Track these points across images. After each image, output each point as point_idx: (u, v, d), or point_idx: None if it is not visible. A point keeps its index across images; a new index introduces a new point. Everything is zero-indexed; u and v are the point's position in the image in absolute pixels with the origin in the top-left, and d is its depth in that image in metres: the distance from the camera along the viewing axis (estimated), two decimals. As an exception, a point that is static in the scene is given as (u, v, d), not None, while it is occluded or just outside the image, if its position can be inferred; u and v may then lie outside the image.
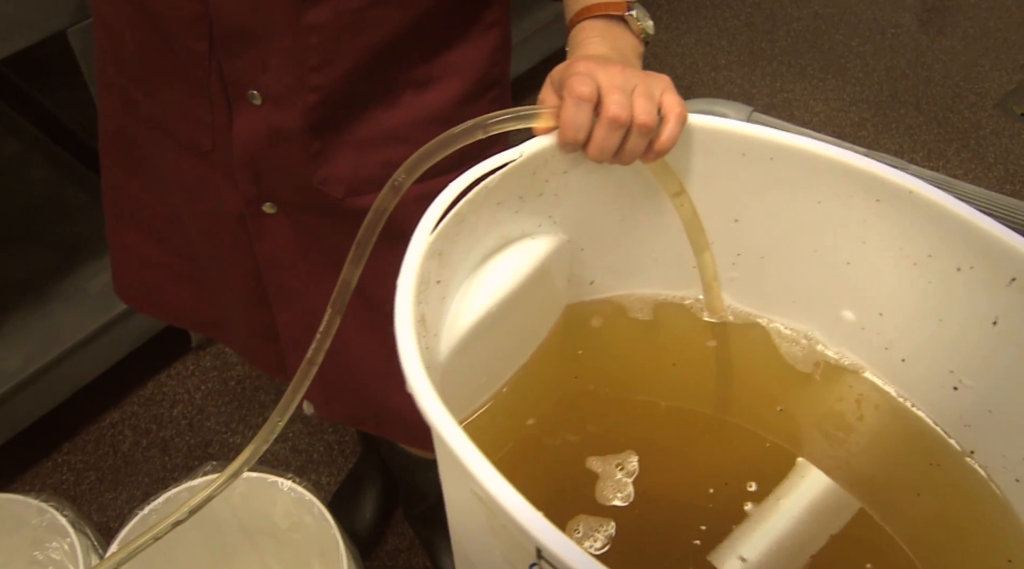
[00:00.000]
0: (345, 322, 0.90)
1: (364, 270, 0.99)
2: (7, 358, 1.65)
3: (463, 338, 0.64)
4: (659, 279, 0.79)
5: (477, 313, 0.65)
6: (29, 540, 1.23)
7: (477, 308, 0.65)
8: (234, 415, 1.81)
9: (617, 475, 0.68)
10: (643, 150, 0.65)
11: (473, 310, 0.65)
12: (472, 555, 0.60)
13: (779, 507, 0.72)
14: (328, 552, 1.29)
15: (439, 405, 0.49)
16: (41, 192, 1.98)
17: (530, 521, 0.44)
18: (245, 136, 0.88)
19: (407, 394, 1.06)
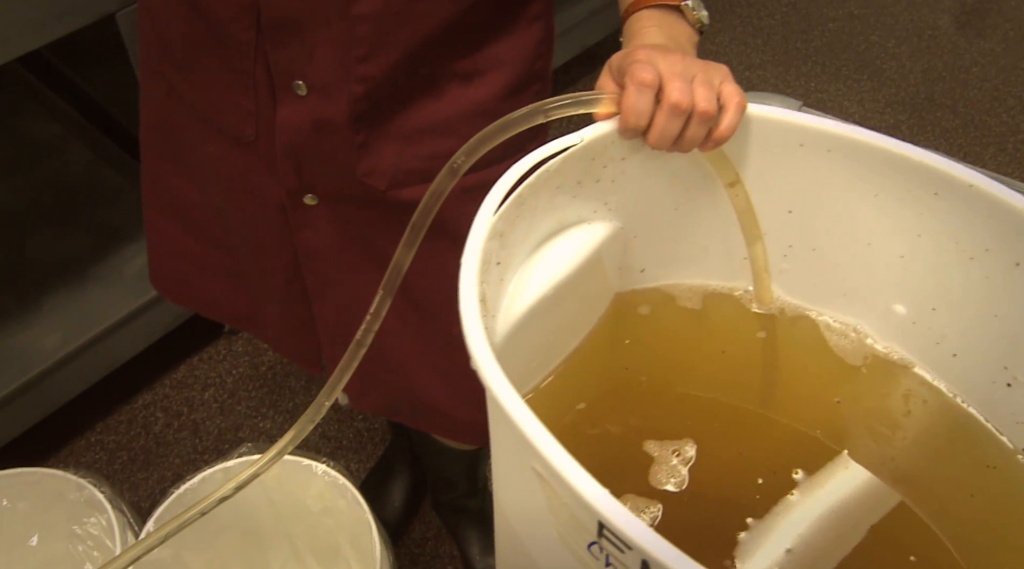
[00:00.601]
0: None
1: (404, 262, 0.99)
2: (45, 337, 1.67)
3: (519, 321, 0.64)
4: (709, 269, 0.79)
5: (533, 297, 0.65)
6: (67, 514, 1.24)
7: (533, 292, 0.65)
8: (264, 400, 1.83)
9: (673, 461, 0.68)
10: (702, 138, 0.65)
11: (529, 293, 0.65)
12: (524, 537, 0.61)
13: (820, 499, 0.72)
14: (359, 537, 1.30)
15: (505, 381, 0.49)
16: (80, 175, 2.00)
17: (596, 497, 0.45)
18: (289, 126, 0.88)
19: (444, 386, 1.07)
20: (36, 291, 1.76)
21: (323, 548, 1.42)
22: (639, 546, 0.44)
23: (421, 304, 0.99)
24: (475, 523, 1.55)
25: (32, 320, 1.71)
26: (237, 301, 1.15)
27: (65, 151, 2.04)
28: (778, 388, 0.78)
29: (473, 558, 1.54)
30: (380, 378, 1.07)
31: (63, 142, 2.06)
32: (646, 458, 0.68)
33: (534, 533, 0.59)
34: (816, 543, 0.70)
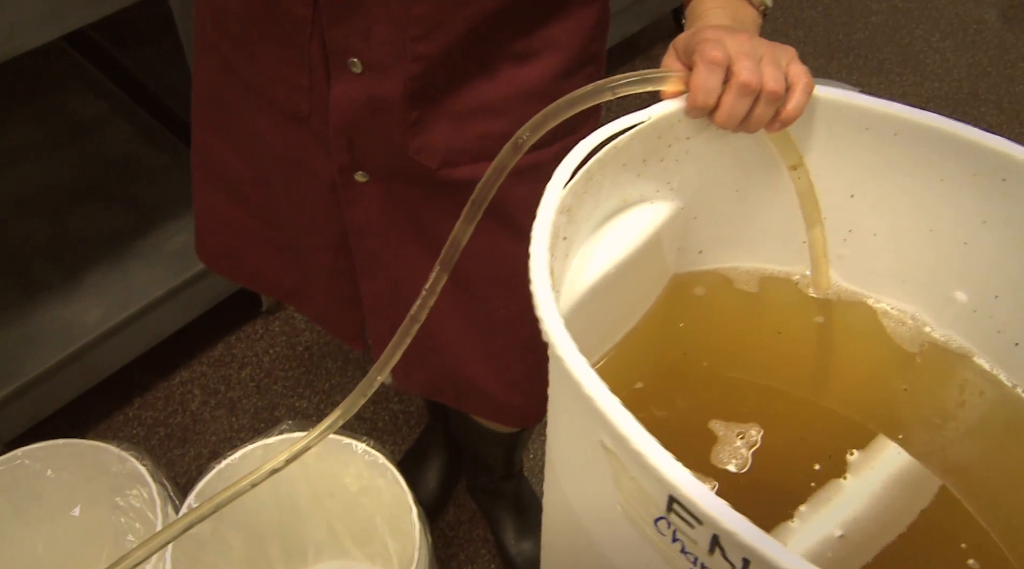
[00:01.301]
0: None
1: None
2: (86, 313, 1.68)
3: (580, 298, 0.64)
4: (767, 253, 0.78)
5: (595, 275, 0.65)
6: (110, 486, 1.25)
7: (595, 270, 0.65)
8: (301, 380, 1.84)
9: (737, 442, 0.68)
10: (768, 118, 0.65)
11: (592, 271, 0.65)
12: (582, 513, 0.61)
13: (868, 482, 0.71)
14: (397, 517, 1.30)
15: (577, 352, 0.49)
16: (122, 152, 2.01)
17: (670, 469, 0.45)
18: (343, 104, 0.89)
19: (489, 367, 1.07)
20: (78, 266, 1.77)
21: (359, 528, 1.42)
22: (713, 520, 0.44)
23: (468, 284, 1.00)
24: (510, 507, 1.55)
25: (74, 295, 1.72)
26: (283, 275, 1.15)
27: (108, 128, 2.06)
28: (832, 374, 0.78)
29: (507, 542, 1.55)
30: (425, 358, 1.07)
31: (106, 120, 2.07)
32: (710, 437, 0.68)
33: (594, 509, 0.59)
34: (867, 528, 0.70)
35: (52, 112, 2.09)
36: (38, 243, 1.83)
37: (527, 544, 1.54)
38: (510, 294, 1.01)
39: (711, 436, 0.68)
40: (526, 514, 1.56)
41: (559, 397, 0.58)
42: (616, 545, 0.58)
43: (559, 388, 0.57)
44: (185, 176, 1.94)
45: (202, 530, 1.25)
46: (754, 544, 0.42)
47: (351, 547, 1.47)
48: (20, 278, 1.76)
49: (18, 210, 1.89)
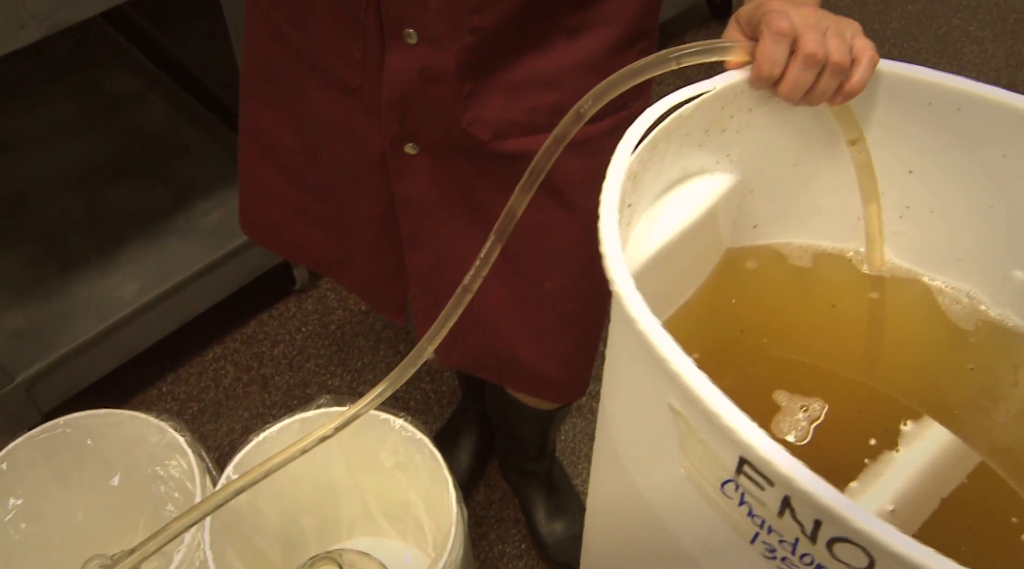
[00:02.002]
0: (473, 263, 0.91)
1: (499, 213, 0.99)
2: (122, 287, 1.69)
3: (640, 267, 0.64)
4: (821, 229, 0.78)
5: (654, 245, 0.65)
6: (149, 456, 1.26)
7: (655, 240, 0.65)
8: (333, 358, 1.84)
9: (799, 414, 0.68)
10: (832, 91, 0.65)
11: (652, 241, 0.65)
12: (639, 478, 0.61)
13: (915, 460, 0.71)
14: (432, 493, 1.31)
15: (648, 312, 0.49)
16: (158, 130, 2.02)
17: (745, 429, 0.45)
18: (397, 75, 0.89)
19: (533, 342, 1.07)
20: (115, 241, 1.78)
21: (393, 504, 1.43)
22: (787, 479, 0.44)
23: (515, 258, 1.00)
24: (542, 487, 1.56)
25: (111, 269, 1.73)
26: (327, 247, 1.16)
27: (144, 106, 2.07)
28: (884, 350, 0.77)
29: (538, 522, 1.55)
30: (469, 332, 1.07)
31: (143, 97, 2.08)
32: (772, 407, 0.68)
33: (653, 474, 0.59)
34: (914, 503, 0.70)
35: (89, 89, 2.10)
36: (75, 218, 1.84)
37: (558, 524, 1.54)
38: (557, 268, 1.01)
39: (774, 406, 0.68)
40: (558, 494, 1.57)
41: (622, 360, 0.58)
42: (675, 511, 0.58)
43: (624, 351, 0.57)
44: (221, 153, 1.95)
45: (238, 502, 1.26)
46: (829, 503, 0.43)
47: (384, 523, 1.48)
48: (57, 252, 1.77)
49: (55, 185, 1.91)
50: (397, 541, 1.49)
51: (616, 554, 0.72)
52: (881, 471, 0.71)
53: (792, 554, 0.48)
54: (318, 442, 0.86)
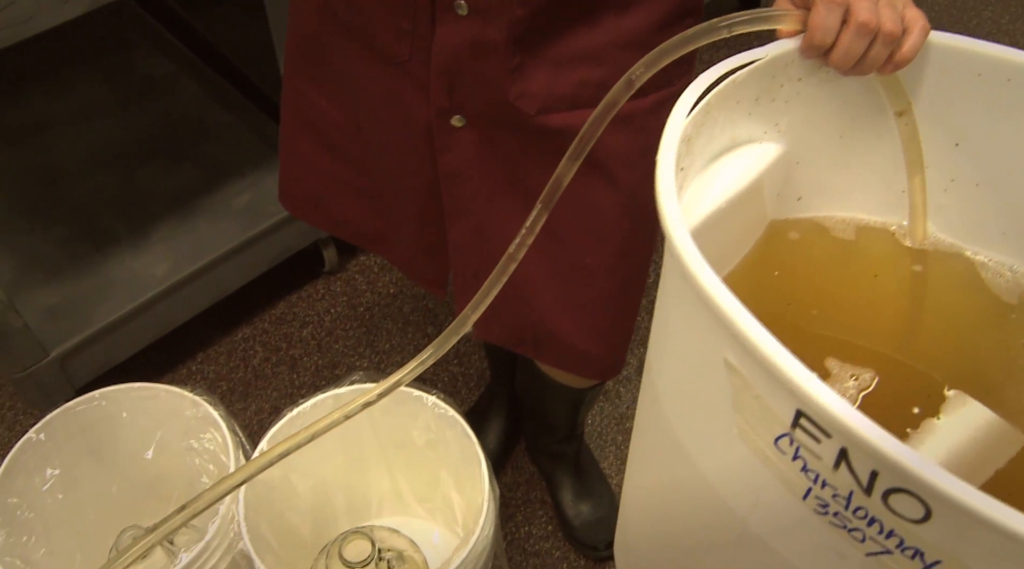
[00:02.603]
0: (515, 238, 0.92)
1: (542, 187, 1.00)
2: (154, 265, 1.71)
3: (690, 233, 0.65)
4: (865, 202, 0.78)
5: (702, 213, 0.66)
6: (183, 430, 1.27)
7: (704, 207, 0.66)
8: (361, 340, 1.85)
9: (848, 382, 0.68)
10: (883, 60, 0.65)
11: (701, 208, 0.66)
12: (687, 439, 0.61)
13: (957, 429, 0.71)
14: (463, 470, 1.32)
15: (707, 265, 0.50)
16: (190, 111, 2.04)
17: (804, 380, 0.45)
18: (446, 47, 0.90)
19: (572, 317, 1.07)
20: (147, 221, 1.80)
21: (422, 483, 1.44)
22: (846, 429, 0.44)
23: (557, 232, 1.00)
24: (570, 469, 1.57)
25: (143, 248, 1.75)
26: (368, 221, 1.17)
27: (176, 88, 2.08)
28: (926, 324, 0.78)
29: (566, 503, 1.56)
30: (508, 306, 1.08)
31: (174, 79, 2.10)
32: (822, 373, 0.69)
33: (703, 434, 0.59)
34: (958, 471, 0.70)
35: (122, 71, 2.12)
36: (108, 197, 1.86)
37: (585, 506, 1.55)
38: (598, 244, 1.01)
39: (824, 373, 0.69)
40: (585, 477, 1.57)
41: (674, 319, 0.59)
42: (724, 471, 0.58)
43: (677, 308, 0.58)
44: (252, 135, 1.96)
45: (272, 476, 1.27)
46: (889, 452, 0.43)
47: (412, 501, 1.49)
48: (90, 231, 1.79)
49: (88, 165, 1.93)
50: (425, 520, 1.49)
51: (658, 519, 0.73)
52: (924, 439, 0.71)
53: (845, 508, 0.49)
54: (361, 408, 0.87)
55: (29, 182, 1.90)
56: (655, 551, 0.79)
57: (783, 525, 0.55)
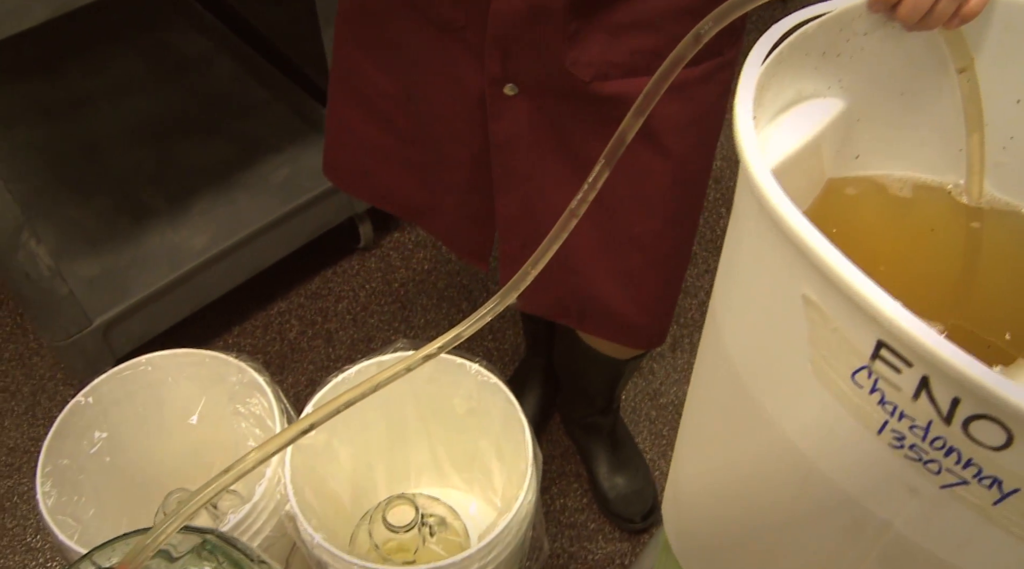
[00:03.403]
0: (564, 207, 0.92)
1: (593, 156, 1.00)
2: (193, 238, 1.73)
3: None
4: (922, 160, 0.79)
5: (768, 165, 0.67)
6: (228, 395, 1.29)
7: (769, 160, 0.67)
8: (396, 315, 1.87)
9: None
10: (950, 14, 0.66)
11: (766, 161, 0.66)
12: (753, 383, 0.62)
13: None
14: (503, 439, 1.33)
15: (787, 199, 0.51)
16: (226, 89, 2.06)
17: (889, 307, 0.46)
18: (504, 13, 0.90)
19: (619, 286, 1.08)
20: (185, 195, 1.82)
21: (462, 453, 1.45)
22: (930, 355, 0.45)
23: (605, 200, 1.01)
24: (605, 442, 1.58)
25: (182, 221, 1.77)
26: (413, 193, 1.18)
27: (212, 65, 2.10)
28: (982, 282, 0.78)
29: (601, 476, 1.57)
30: (555, 275, 1.09)
31: (210, 57, 2.12)
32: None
33: (772, 374, 0.60)
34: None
35: (158, 48, 2.14)
36: (146, 171, 1.88)
37: (620, 478, 1.56)
38: (647, 213, 1.02)
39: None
40: (620, 449, 1.59)
41: (747, 259, 0.60)
42: (793, 410, 0.59)
43: (750, 248, 0.59)
44: (289, 111, 1.98)
45: (316, 442, 1.29)
46: (976, 376, 0.44)
47: (450, 472, 1.50)
48: (130, 204, 1.81)
49: (126, 140, 1.95)
50: (463, 492, 1.51)
51: (716, 469, 0.74)
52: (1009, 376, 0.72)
53: (923, 439, 0.50)
54: (423, 361, 0.88)
55: (68, 156, 1.92)
56: (710, 505, 0.80)
57: (854, 463, 0.56)
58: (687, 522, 0.87)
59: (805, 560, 0.68)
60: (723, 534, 0.80)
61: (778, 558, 0.72)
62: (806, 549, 0.68)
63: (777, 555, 0.72)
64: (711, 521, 0.81)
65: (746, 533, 0.75)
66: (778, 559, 0.72)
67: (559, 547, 1.55)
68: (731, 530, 0.78)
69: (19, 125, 1.97)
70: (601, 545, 1.56)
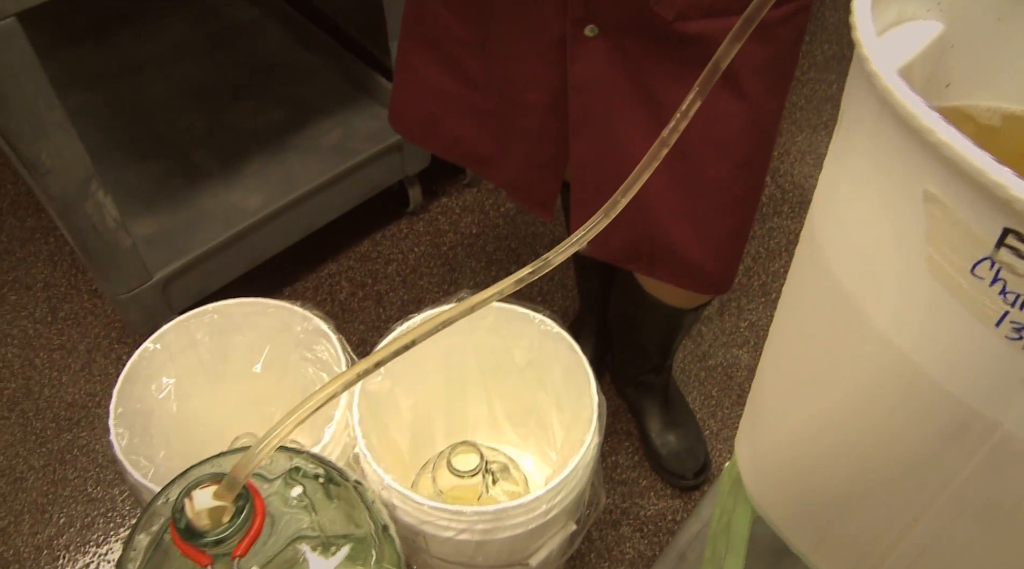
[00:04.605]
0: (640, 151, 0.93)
1: (670, 98, 1.01)
2: (247, 198, 1.75)
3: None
4: (1013, 91, 0.80)
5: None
6: (294, 343, 1.31)
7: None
8: (446, 277, 1.89)
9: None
10: None
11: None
12: (856, 287, 0.63)
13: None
14: (563, 390, 1.34)
15: (911, 91, 0.52)
16: (275, 55, 2.08)
17: (1021, 188, 0.47)
18: None
19: (691, 230, 1.09)
20: (238, 157, 1.84)
21: (518, 406, 1.47)
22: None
23: (679, 142, 1.02)
24: (657, 400, 1.59)
25: (235, 183, 1.79)
26: (481, 141, 1.19)
27: (261, 32, 2.12)
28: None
29: (653, 433, 1.58)
30: (628, 218, 1.10)
31: (259, 23, 2.14)
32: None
33: (878, 275, 0.61)
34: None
35: (207, 16, 2.16)
36: (199, 135, 1.90)
37: (672, 436, 1.58)
38: (721, 156, 1.03)
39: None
40: (672, 407, 1.60)
41: (859, 168, 0.60)
42: (901, 311, 0.60)
43: (864, 155, 0.60)
44: (339, 76, 1.99)
45: (380, 388, 1.30)
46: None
47: (506, 427, 1.52)
48: (183, 166, 1.83)
49: (178, 105, 1.97)
50: (518, 448, 1.52)
51: (805, 383, 0.75)
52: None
53: (1045, 328, 0.51)
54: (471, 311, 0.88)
55: (122, 120, 1.95)
56: (796, 429, 0.81)
57: (966, 360, 0.57)
58: (767, 453, 0.88)
59: (899, 472, 0.69)
60: (808, 458, 0.80)
61: (868, 474, 0.73)
62: (901, 461, 0.69)
63: (868, 471, 0.73)
64: (796, 446, 0.81)
65: (835, 453, 0.76)
66: (868, 475, 0.73)
67: (611, 503, 1.56)
68: (818, 453, 0.79)
69: (72, 90, 2.00)
70: (653, 501, 1.57)
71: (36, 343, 1.81)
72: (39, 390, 1.73)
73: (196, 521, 0.60)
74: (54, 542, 1.54)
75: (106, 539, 1.54)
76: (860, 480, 0.75)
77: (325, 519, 0.72)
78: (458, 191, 2.05)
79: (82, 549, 1.53)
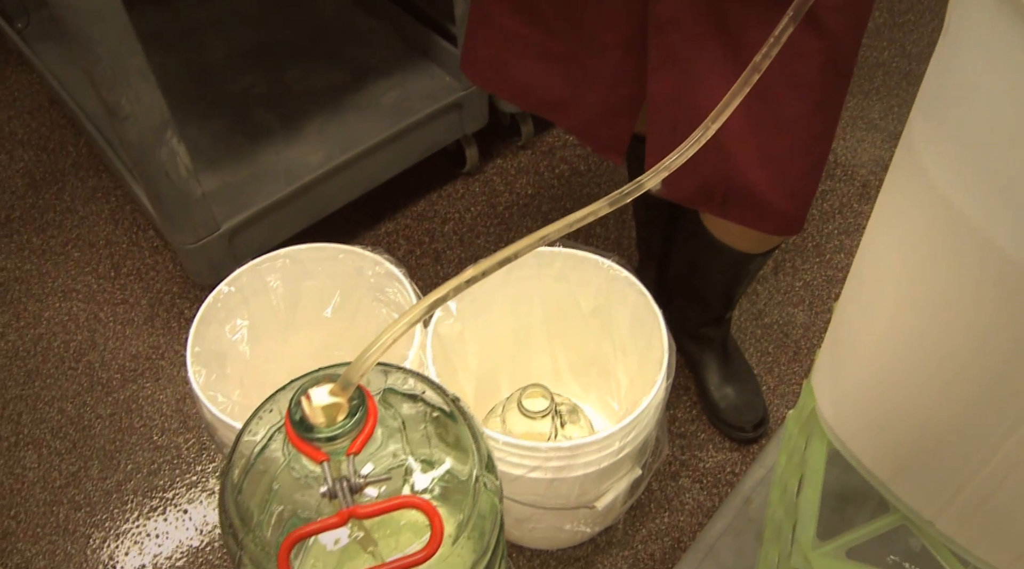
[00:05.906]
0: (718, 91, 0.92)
1: (752, 36, 1.02)
2: (308, 155, 1.77)
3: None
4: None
5: None
6: (366, 287, 1.33)
7: None
8: (503, 237, 1.90)
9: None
10: None
11: None
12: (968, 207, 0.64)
13: None
14: (629, 338, 1.36)
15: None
16: (332, 18, 2.09)
17: None
18: None
19: (765, 170, 1.10)
20: (298, 116, 1.86)
21: (581, 356, 1.48)
22: None
23: (757, 81, 1.03)
24: (716, 353, 1.60)
25: (296, 140, 1.81)
26: (553, 86, 1.19)
27: (318, -5, 2.14)
28: None
29: (711, 386, 1.59)
30: (703, 158, 1.11)
31: (316, -14, 2.16)
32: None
33: (997, 186, 0.62)
34: None
35: (264, -21, 2.18)
36: (259, 95, 1.93)
37: (730, 389, 1.59)
38: (798, 93, 1.04)
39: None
40: (731, 361, 1.61)
41: (970, 74, 0.61)
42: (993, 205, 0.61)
43: (974, 61, 0.60)
44: (396, 38, 2.01)
45: (451, 333, 1.32)
46: None
47: (568, 376, 1.54)
48: (245, 125, 1.86)
49: (237, 66, 2.00)
50: (579, 399, 1.54)
51: (896, 313, 0.76)
52: None
53: None
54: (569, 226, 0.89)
55: (182, 81, 1.97)
56: (881, 352, 0.81)
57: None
58: (849, 383, 0.89)
59: (989, 390, 0.70)
60: (894, 382, 0.81)
61: (956, 394, 0.73)
62: (993, 376, 0.69)
63: (957, 390, 0.73)
64: (882, 371, 0.82)
65: (924, 372, 0.76)
66: (956, 395, 0.73)
67: (671, 455, 1.58)
68: (905, 374, 0.79)
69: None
70: (712, 454, 1.58)
71: (100, 297, 1.84)
72: (104, 342, 1.77)
73: (312, 417, 0.62)
74: (122, 487, 1.57)
75: (172, 485, 1.57)
76: (947, 401, 0.75)
77: (419, 435, 0.73)
78: (512, 153, 2.07)
79: (149, 494, 1.56)
